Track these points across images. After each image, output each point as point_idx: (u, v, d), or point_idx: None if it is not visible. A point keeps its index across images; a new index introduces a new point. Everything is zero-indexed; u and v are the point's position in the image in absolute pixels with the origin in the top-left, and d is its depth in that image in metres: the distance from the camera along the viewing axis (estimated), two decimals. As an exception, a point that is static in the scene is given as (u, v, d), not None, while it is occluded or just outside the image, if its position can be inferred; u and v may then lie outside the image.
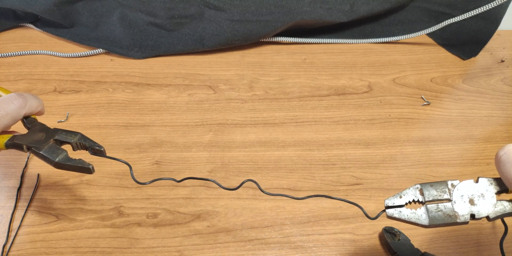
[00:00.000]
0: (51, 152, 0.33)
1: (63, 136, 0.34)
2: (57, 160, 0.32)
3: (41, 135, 0.34)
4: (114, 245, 0.39)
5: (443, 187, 0.27)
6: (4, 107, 0.32)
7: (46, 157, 0.32)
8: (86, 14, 0.58)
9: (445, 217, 0.26)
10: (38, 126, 0.35)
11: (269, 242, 0.40)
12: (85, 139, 0.34)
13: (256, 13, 0.57)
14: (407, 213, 0.27)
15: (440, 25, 0.59)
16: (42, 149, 0.33)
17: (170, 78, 0.56)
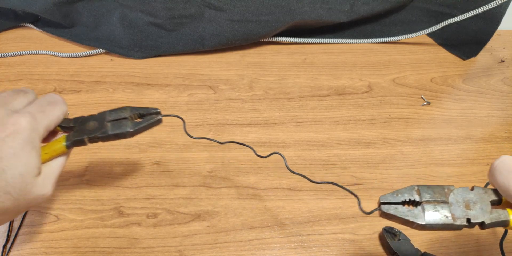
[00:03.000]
0: (118, 128, 0.33)
1: (115, 116, 0.33)
2: (131, 130, 0.32)
3: (92, 124, 0.33)
4: (114, 245, 0.39)
5: (440, 190, 0.27)
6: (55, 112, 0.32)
7: (118, 134, 0.32)
8: (86, 14, 0.58)
9: (442, 217, 0.26)
10: (80, 119, 0.34)
11: (269, 242, 0.40)
12: (136, 109, 0.34)
13: (256, 13, 0.57)
14: (404, 211, 0.27)
15: (440, 25, 0.59)
16: (108, 131, 0.32)
17: (170, 78, 0.56)
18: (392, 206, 0.27)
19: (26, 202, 0.30)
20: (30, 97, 0.33)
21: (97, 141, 0.33)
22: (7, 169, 0.28)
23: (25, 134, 0.29)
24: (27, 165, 0.29)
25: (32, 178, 0.29)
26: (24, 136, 0.29)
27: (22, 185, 0.29)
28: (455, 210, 0.26)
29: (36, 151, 0.30)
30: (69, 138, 0.32)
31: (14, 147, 0.28)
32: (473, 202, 0.26)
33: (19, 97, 0.32)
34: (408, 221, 0.27)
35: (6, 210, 0.29)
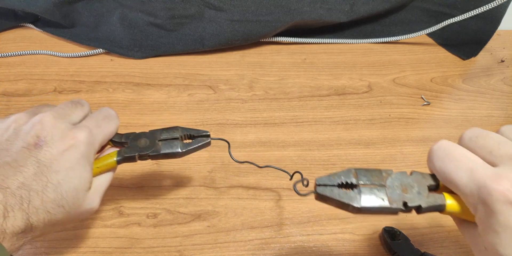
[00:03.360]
0: (169, 148, 0.33)
1: (167, 135, 0.34)
2: (181, 151, 0.33)
3: (143, 141, 0.34)
4: (114, 245, 0.39)
5: (378, 173, 0.27)
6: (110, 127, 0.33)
7: (169, 154, 0.33)
8: (86, 14, 0.58)
9: (378, 200, 0.26)
10: (131, 136, 0.34)
11: (269, 242, 0.40)
12: (187, 130, 0.34)
13: (256, 13, 0.57)
14: (340, 193, 0.26)
15: (440, 25, 0.59)
16: (159, 150, 0.33)
17: (170, 78, 0.56)
18: (328, 188, 0.26)
19: (75, 216, 0.30)
20: (86, 110, 0.33)
21: (146, 158, 0.33)
22: (63, 183, 0.28)
23: (82, 148, 0.29)
24: (81, 180, 0.29)
25: (84, 192, 0.30)
26: (81, 150, 0.29)
27: (74, 199, 0.29)
28: (392, 194, 0.26)
29: (90, 166, 0.31)
30: (121, 154, 0.33)
31: (71, 160, 0.29)
32: (411, 186, 0.26)
33: (77, 109, 0.33)
34: (343, 203, 0.26)
35: (57, 223, 0.29)
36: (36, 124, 0.29)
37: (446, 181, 0.25)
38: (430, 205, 0.25)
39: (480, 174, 0.23)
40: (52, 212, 0.28)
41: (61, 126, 0.30)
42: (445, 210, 0.26)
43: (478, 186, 0.23)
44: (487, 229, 0.23)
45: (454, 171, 0.24)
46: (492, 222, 0.22)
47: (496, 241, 0.22)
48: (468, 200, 0.24)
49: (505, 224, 0.21)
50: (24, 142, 0.28)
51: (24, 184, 0.27)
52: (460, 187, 0.24)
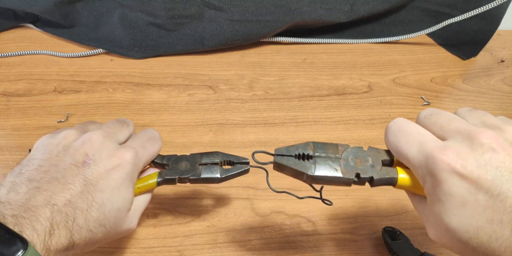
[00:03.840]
0: (209, 173, 0.34)
1: (207, 160, 0.34)
2: (220, 176, 0.34)
3: (184, 164, 0.34)
4: (114, 245, 0.39)
5: (334, 147, 0.28)
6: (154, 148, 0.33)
7: (208, 179, 0.34)
8: (86, 14, 0.58)
9: (332, 170, 0.27)
10: (173, 158, 0.35)
11: (269, 242, 0.40)
12: (227, 156, 0.35)
13: (256, 13, 0.57)
14: (296, 162, 0.27)
15: (440, 25, 0.59)
16: (199, 174, 0.33)
17: (170, 78, 0.56)
18: (285, 158, 0.28)
19: (115, 235, 0.30)
20: (131, 129, 0.34)
21: (186, 182, 0.34)
22: (107, 202, 0.28)
23: (128, 168, 0.30)
24: (124, 200, 0.30)
25: (125, 212, 0.30)
26: (126, 171, 0.30)
27: (116, 219, 0.29)
28: (346, 166, 0.27)
29: (133, 186, 0.31)
30: (162, 175, 0.33)
31: (116, 180, 0.29)
32: (365, 160, 0.27)
33: (123, 129, 0.33)
34: (298, 172, 0.27)
35: (96, 241, 0.29)
36: (86, 142, 0.30)
37: (398, 155, 0.26)
38: (382, 177, 0.26)
39: (428, 146, 0.24)
40: (94, 231, 0.28)
41: (109, 145, 0.30)
42: (397, 183, 0.26)
43: (426, 157, 0.24)
44: (434, 199, 0.24)
45: (405, 144, 0.25)
46: (438, 191, 0.23)
47: (441, 210, 0.23)
48: (418, 172, 0.25)
49: (448, 192, 0.22)
50: (73, 159, 0.29)
51: (70, 202, 0.27)
52: (410, 159, 0.25)
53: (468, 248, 0.23)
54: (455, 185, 0.22)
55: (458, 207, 0.22)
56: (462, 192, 0.22)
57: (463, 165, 0.22)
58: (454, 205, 0.22)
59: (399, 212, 0.43)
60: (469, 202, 0.22)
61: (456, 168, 0.22)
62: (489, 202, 0.22)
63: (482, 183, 0.22)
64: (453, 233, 0.23)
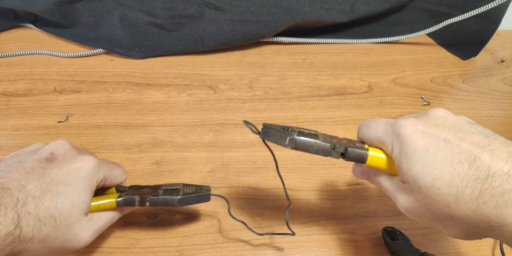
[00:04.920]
0: (169, 194, 0.35)
1: (169, 186, 0.37)
2: (179, 197, 0.35)
3: (146, 190, 0.36)
4: (114, 245, 0.39)
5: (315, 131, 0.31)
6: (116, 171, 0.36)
7: (167, 199, 0.35)
8: (86, 14, 0.58)
9: (311, 138, 0.29)
10: (135, 187, 0.37)
11: (269, 242, 0.40)
12: (189, 185, 0.37)
13: (256, 13, 0.57)
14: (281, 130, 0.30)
15: (440, 25, 0.59)
16: (159, 195, 0.35)
17: (170, 78, 0.56)
18: (272, 128, 0.31)
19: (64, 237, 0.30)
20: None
21: (145, 204, 0.35)
22: (61, 194, 0.30)
23: (88, 171, 0.32)
24: (79, 198, 0.31)
25: (79, 212, 0.31)
26: (87, 172, 0.32)
27: (67, 213, 0.30)
28: (324, 139, 0.30)
29: (91, 191, 0.32)
30: (122, 195, 0.35)
31: (74, 178, 0.31)
32: (341, 139, 0.31)
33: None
34: (282, 135, 0.30)
35: (44, 239, 0.29)
36: (53, 145, 0.33)
37: (369, 138, 0.31)
38: (355, 150, 0.30)
39: (393, 120, 0.29)
40: (43, 221, 0.28)
41: (74, 151, 0.33)
42: (368, 159, 0.30)
43: (392, 126, 0.29)
44: (401, 157, 0.27)
45: (375, 125, 0.31)
46: (404, 148, 0.27)
47: (408, 163, 0.27)
48: (386, 141, 0.29)
49: (414, 144, 0.27)
50: (38, 156, 0.31)
51: (24, 188, 0.28)
52: (379, 133, 0.30)
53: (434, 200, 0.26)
54: (418, 138, 0.27)
55: (422, 155, 0.26)
56: (424, 143, 0.26)
57: (423, 125, 0.27)
58: (418, 154, 0.26)
59: (399, 212, 0.43)
60: (431, 149, 0.26)
61: (417, 126, 0.27)
62: (447, 147, 0.26)
63: (440, 135, 0.26)
64: (420, 182, 0.26)
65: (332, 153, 0.30)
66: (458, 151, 0.25)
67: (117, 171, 0.36)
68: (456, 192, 0.25)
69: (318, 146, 0.29)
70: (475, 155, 0.25)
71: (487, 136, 0.26)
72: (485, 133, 0.27)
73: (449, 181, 0.25)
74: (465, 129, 0.27)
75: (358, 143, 0.31)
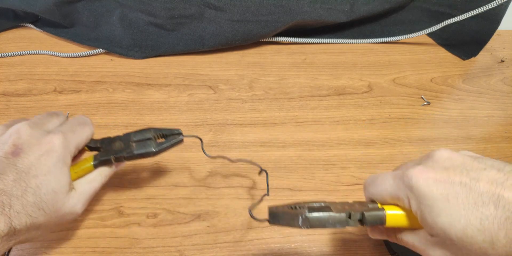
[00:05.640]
0: (143, 148, 0.35)
1: (140, 137, 0.36)
2: (154, 150, 0.35)
3: (118, 144, 0.35)
4: (114, 245, 0.39)
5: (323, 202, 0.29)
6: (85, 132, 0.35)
7: (143, 153, 0.35)
8: (86, 14, 0.58)
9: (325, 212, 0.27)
10: (106, 140, 0.36)
11: (269, 242, 0.40)
12: (159, 130, 0.36)
13: (256, 13, 0.57)
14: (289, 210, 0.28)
15: (440, 25, 0.59)
16: (133, 151, 0.35)
17: (170, 78, 0.56)
18: (280, 208, 0.29)
19: (57, 219, 0.31)
20: (61, 118, 0.36)
21: (123, 160, 0.35)
22: (41, 186, 0.30)
23: (58, 152, 0.31)
24: (60, 182, 0.31)
25: (64, 194, 0.31)
26: (57, 154, 0.31)
27: (54, 201, 0.30)
28: (336, 209, 0.28)
29: (67, 168, 0.32)
30: (97, 158, 0.34)
31: (48, 165, 0.30)
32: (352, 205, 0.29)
33: (52, 119, 0.35)
34: (293, 216, 0.27)
35: (39, 226, 0.30)
36: (12, 134, 0.31)
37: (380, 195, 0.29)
38: (372, 214, 0.28)
39: (399, 173, 0.28)
40: (33, 215, 0.29)
41: (36, 134, 0.31)
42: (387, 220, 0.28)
43: (401, 179, 0.27)
44: (423, 210, 0.25)
45: (382, 182, 0.29)
46: (422, 199, 0.25)
47: (432, 215, 0.25)
48: (400, 196, 0.27)
49: (430, 195, 0.25)
50: (2, 151, 0.30)
51: (4, 191, 0.28)
52: (390, 190, 0.28)
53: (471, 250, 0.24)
54: (433, 187, 0.25)
55: (444, 203, 0.24)
56: (441, 191, 0.25)
57: (433, 172, 0.26)
58: (440, 204, 0.25)
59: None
60: (451, 196, 0.24)
61: (428, 175, 0.26)
62: (466, 190, 0.24)
63: (453, 179, 0.25)
64: (451, 233, 0.24)
65: (350, 222, 0.28)
66: (479, 193, 0.24)
67: (85, 132, 0.35)
68: (490, 238, 0.23)
69: (334, 219, 0.27)
70: (497, 194, 0.23)
71: (500, 169, 0.25)
72: (496, 166, 0.25)
73: (480, 227, 0.23)
74: (476, 167, 0.25)
75: (370, 204, 0.29)
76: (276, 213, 0.29)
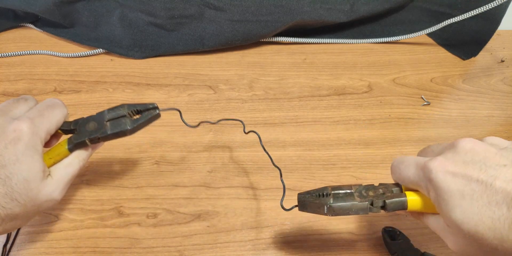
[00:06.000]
0: (117, 127, 0.33)
1: (113, 114, 0.33)
2: (130, 128, 0.33)
3: (92, 125, 0.33)
4: (114, 245, 0.39)
5: (348, 186, 0.31)
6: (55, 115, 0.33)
7: (118, 133, 0.33)
8: (86, 14, 0.58)
9: (348, 200, 0.30)
10: (80, 121, 0.34)
11: (269, 242, 0.40)
12: (133, 106, 0.34)
13: (256, 13, 0.57)
14: (315, 198, 0.31)
15: (440, 25, 0.59)
16: (107, 131, 0.33)
17: (170, 78, 0.56)
18: (307, 195, 0.32)
19: (35, 207, 0.30)
20: (30, 103, 0.33)
21: (98, 141, 0.33)
22: (11, 176, 0.28)
23: (26, 139, 0.29)
24: (31, 170, 0.29)
25: (37, 182, 0.30)
26: (25, 142, 0.29)
27: (27, 190, 0.29)
28: (360, 196, 0.30)
29: (39, 155, 0.30)
30: (71, 141, 0.33)
31: (16, 153, 0.29)
32: (376, 191, 0.31)
33: (20, 104, 0.33)
34: (319, 205, 0.30)
35: (16, 216, 0.29)
36: None
37: (402, 180, 0.30)
38: (393, 200, 0.29)
39: (421, 162, 0.28)
40: (7, 206, 0.28)
41: (1, 122, 0.30)
42: (408, 205, 0.29)
43: (422, 169, 0.28)
44: (440, 202, 0.26)
45: (405, 169, 0.30)
46: (439, 192, 0.26)
47: (447, 208, 0.26)
48: (421, 186, 0.28)
49: (447, 189, 0.26)
50: None
51: None
52: (411, 178, 0.29)
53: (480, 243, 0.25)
54: (450, 182, 0.26)
55: (459, 199, 0.25)
56: (458, 186, 0.25)
57: (452, 165, 0.26)
58: (455, 199, 0.25)
59: (399, 212, 0.43)
60: (466, 192, 0.25)
61: (447, 168, 0.26)
62: (481, 188, 0.25)
63: (471, 175, 0.25)
64: (463, 228, 0.25)
65: (372, 209, 0.30)
66: (494, 192, 0.24)
67: (55, 115, 0.33)
68: (500, 236, 0.24)
69: (357, 207, 0.30)
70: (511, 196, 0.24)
71: None
72: None
73: (491, 225, 0.24)
74: (496, 163, 0.25)
75: (394, 188, 0.31)
76: (304, 201, 0.31)
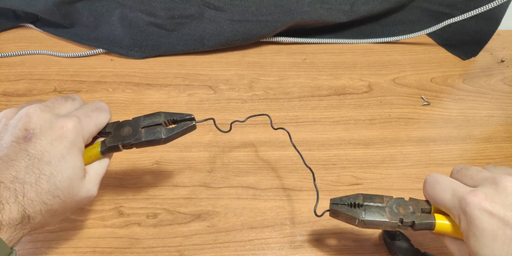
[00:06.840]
0: (152, 135, 0.33)
1: (149, 122, 0.33)
2: (164, 137, 0.33)
3: (127, 130, 0.33)
4: (114, 245, 0.39)
5: (380, 198, 0.32)
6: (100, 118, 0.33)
7: (151, 141, 0.33)
8: (86, 14, 0.58)
9: (379, 216, 0.31)
10: (116, 125, 0.34)
11: (269, 242, 0.40)
12: (170, 115, 0.34)
13: (256, 13, 0.57)
14: (348, 209, 0.32)
15: (440, 25, 0.59)
16: (141, 138, 0.33)
17: (170, 78, 0.56)
18: (339, 205, 0.33)
19: (73, 204, 0.31)
20: (77, 103, 0.34)
21: (131, 147, 0.33)
22: (56, 173, 0.29)
23: (72, 137, 0.30)
24: (74, 169, 0.30)
25: (79, 181, 0.30)
26: (70, 139, 0.30)
27: (69, 188, 0.29)
28: (390, 212, 0.31)
29: (81, 154, 0.31)
30: (104, 144, 0.33)
31: (61, 150, 0.29)
32: (407, 208, 0.32)
33: (68, 103, 0.33)
34: (351, 217, 0.31)
35: (55, 213, 0.29)
36: (23, 117, 0.29)
37: (435, 201, 0.30)
38: (422, 222, 0.30)
39: (460, 191, 0.28)
40: (48, 203, 0.28)
41: (48, 117, 0.30)
42: (435, 227, 0.30)
43: (459, 199, 0.28)
44: (469, 235, 0.27)
45: (440, 191, 0.30)
46: (472, 227, 0.26)
47: (476, 244, 0.26)
48: (453, 213, 0.29)
49: (481, 227, 0.26)
50: (13, 136, 0.29)
51: (17, 178, 0.27)
52: (446, 203, 0.29)
53: None
54: (486, 221, 0.26)
55: (490, 240, 0.26)
56: (492, 227, 0.26)
57: (491, 205, 0.26)
58: (486, 239, 0.26)
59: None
60: (499, 236, 0.25)
61: (485, 207, 0.26)
62: None
63: (508, 220, 0.25)
64: None
65: (401, 227, 0.31)
66: None
67: (101, 119, 0.33)
68: None
69: (387, 224, 0.31)
70: None
71: None
72: None
73: None
74: None
75: (424, 207, 0.32)
76: (337, 211, 0.32)
